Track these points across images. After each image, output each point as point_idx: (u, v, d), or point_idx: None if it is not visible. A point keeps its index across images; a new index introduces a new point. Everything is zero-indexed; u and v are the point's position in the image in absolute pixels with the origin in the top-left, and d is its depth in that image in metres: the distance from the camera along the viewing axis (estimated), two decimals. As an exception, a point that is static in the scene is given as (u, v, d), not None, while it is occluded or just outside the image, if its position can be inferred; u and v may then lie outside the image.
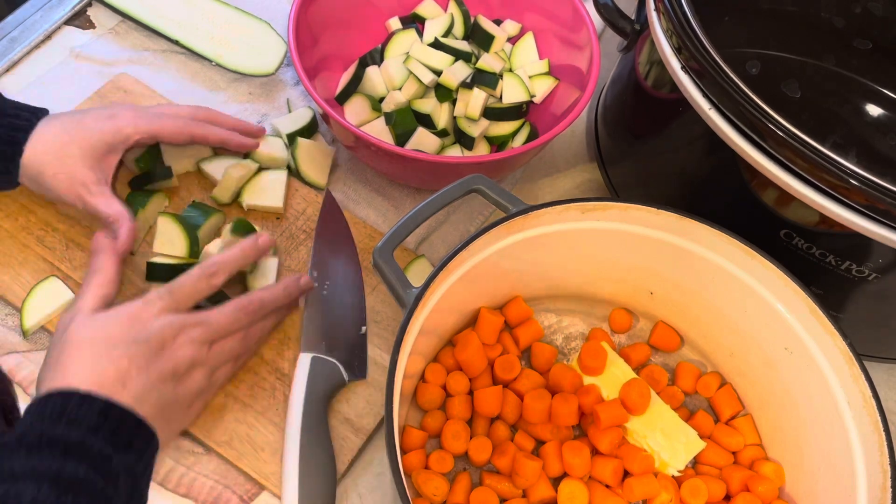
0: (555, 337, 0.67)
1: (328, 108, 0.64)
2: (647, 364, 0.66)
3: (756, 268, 0.57)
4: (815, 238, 0.57)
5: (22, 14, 0.81)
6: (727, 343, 0.64)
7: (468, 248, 0.55)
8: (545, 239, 0.60)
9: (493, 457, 0.59)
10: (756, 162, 0.54)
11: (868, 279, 0.57)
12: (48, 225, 0.67)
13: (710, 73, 0.55)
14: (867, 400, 0.52)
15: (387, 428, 0.47)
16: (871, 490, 0.51)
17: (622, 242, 0.61)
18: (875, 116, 0.65)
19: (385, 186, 0.75)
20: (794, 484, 0.60)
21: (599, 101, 0.79)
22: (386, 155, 0.66)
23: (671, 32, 0.58)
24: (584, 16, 0.73)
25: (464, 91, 0.75)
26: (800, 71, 0.65)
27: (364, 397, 0.63)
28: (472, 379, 0.62)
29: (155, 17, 0.80)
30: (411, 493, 0.56)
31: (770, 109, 0.52)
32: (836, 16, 0.67)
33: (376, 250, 0.53)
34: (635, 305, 0.68)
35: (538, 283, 0.66)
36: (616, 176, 0.73)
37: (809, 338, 0.56)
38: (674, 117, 0.62)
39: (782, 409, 0.60)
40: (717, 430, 0.63)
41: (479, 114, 0.74)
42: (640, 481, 0.58)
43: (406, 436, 0.59)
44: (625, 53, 0.71)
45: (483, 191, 0.57)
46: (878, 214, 0.51)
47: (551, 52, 0.78)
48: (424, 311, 0.54)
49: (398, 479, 0.45)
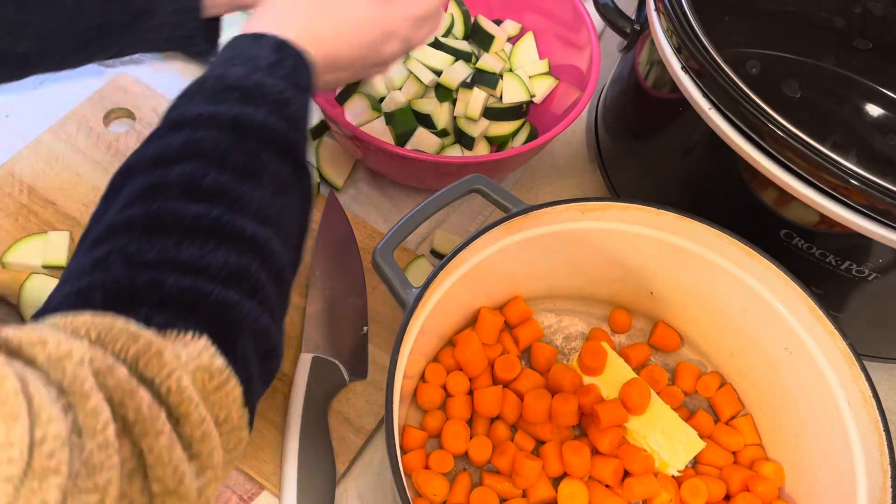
0: (555, 337, 0.67)
1: (328, 108, 0.64)
2: (647, 364, 0.66)
3: (756, 268, 0.57)
4: (815, 238, 0.57)
5: (22, 14, 0.81)
6: (727, 343, 0.64)
7: (468, 248, 0.55)
8: (545, 239, 0.60)
9: (493, 457, 0.59)
10: (756, 162, 0.54)
11: (868, 279, 0.57)
12: (49, 225, 0.67)
13: (710, 73, 0.55)
14: (867, 400, 0.52)
15: (387, 428, 0.47)
16: (871, 490, 0.51)
17: (622, 242, 0.61)
18: (875, 116, 0.65)
19: (385, 186, 0.75)
20: (794, 484, 0.60)
21: (599, 101, 0.79)
22: (386, 155, 0.66)
23: (671, 32, 0.58)
24: (584, 16, 0.73)
25: (464, 91, 0.75)
26: (800, 71, 0.65)
27: (364, 397, 0.63)
28: (472, 379, 0.62)
29: None
30: (411, 493, 0.56)
31: (770, 109, 0.52)
32: (836, 16, 0.67)
33: (376, 250, 0.53)
34: (635, 305, 0.68)
35: (538, 283, 0.66)
36: (616, 176, 0.73)
37: (809, 338, 0.56)
38: (674, 117, 0.62)
39: (782, 409, 0.60)
40: (717, 430, 0.63)
41: (479, 114, 0.74)
42: (640, 481, 0.58)
43: (406, 436, 0.59)
44: (625, 53, 0.71)
45: (483, 191, 0.57)
46: (878, 214, 0.51)
47: (551, 52, 0.78)
48: (424, 311, 0.54)
49: (398, 479, 0.45)
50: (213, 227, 0.40)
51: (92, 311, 0.34)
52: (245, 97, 0.44)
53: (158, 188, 0.41)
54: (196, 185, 0.41)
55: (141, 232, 0.39)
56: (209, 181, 0.41)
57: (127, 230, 0.39)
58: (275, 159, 0.44)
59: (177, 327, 0.36)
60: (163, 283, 0.37)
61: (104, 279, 0.37)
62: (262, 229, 0.41)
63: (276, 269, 0.42)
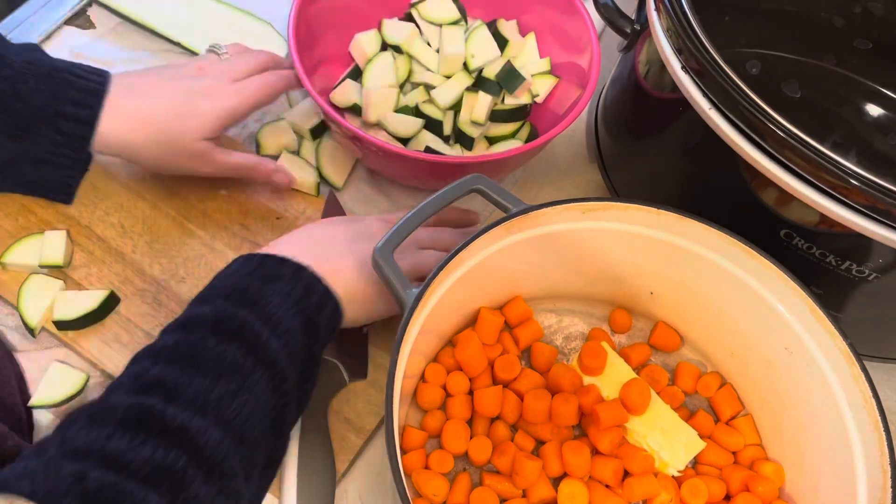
0: (555, 337, 0.67)
1: (328, 108, 0.64)
2: (647, 364, 0.66)
3: (756, 268, 0.57)
4: (815, 238, 0.57)
5: (22, 14, 0.81)
6: (727, 343, 0.64)
7: (468, 248, 0.55)
8: (545, 239, 0.60)
9: (493, 457, 0.59)
10: (756, 162, 0.54)
11: (868, 279, 0.57)
12: (48, 225, 0.67)
13: (710, 73, 0.55)
14: (867, 400, 0.52)
15: (387, 428, 0.47)
16: (871, 490, 0.51)
17: (622, 242, 0.61)
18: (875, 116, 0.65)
19: (385, 186, 0.75)
20: (794, 484, 0.60)
21: (599, 101, 0.79)
22: (386, 155, 0.66)
23: (671, 32, 0.58)
24: (584, 16, 0.73)
25: (469, 95, 0.75)
26: (800, 71, 0.65)
27: (364, 397, 0.63)
28: (472, 379, 0.62)
29: (156, 19, 0.80)
30: (411, 493, 0.56)
31: (770, 109, 0.52)
32: (836, 16, 0.67)
33: (376, 250, 0.53)
34: (635, 305, 0.68)
35: (538, 283, 0.66)
36: (616, 176, 0.73)
37: (809, 338, 0.56)
38: (674, 117, 0.62)
39: (782, 409, 0.60)
40: (717, 430, 0.63)
41: (484, 118, 0.74)
42: (640, 481, 0.58)
43: (406, 436, 0.59)
44: (625, 53, 0.71)
45: (483, 191, 0.57)
46: (878, 214, 0.51)
47: (551, 53, 0.78)
48: (424, 311, 0.54)
49: (398, 479, 0.45)
50: (142, 418, 0.41)
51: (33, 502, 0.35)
52: (198, 301, 0.50)
53: (112, 389, 0.44)
54: (139, 378, 0.44)
55: (84, 423, 0.41)
56: (151, 374, 0.43)
57: (76, 421, 0.41)
58: (220, 345, 0.46)
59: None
60: (86, 476, 0.37)
61: (41, 465, 0.38)
62: (196, 419, 0.42)
63: (213, 462, 0.41)
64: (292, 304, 0.50)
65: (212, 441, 0.42)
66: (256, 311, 0.48)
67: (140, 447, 0.39)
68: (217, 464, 0.42)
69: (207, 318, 0.47)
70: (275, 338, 0.48)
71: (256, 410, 0.45)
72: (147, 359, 0.45)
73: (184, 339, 0.46)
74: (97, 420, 0.41)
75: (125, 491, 0.37)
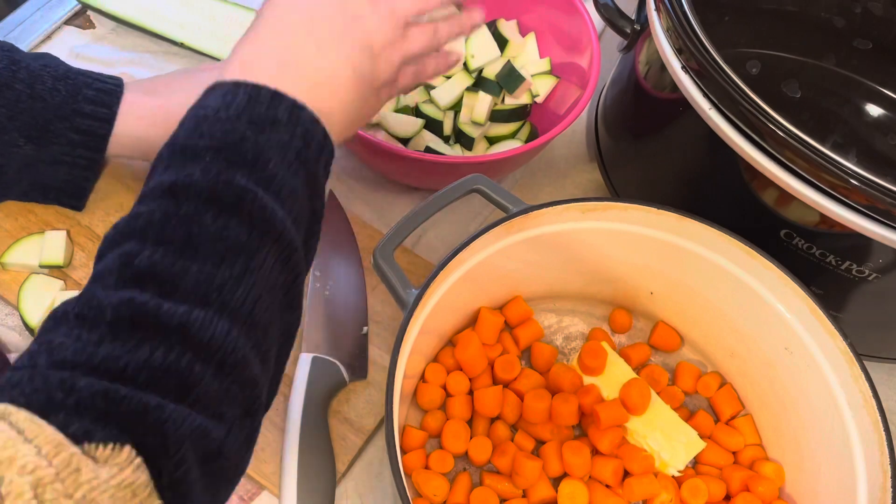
0: (555, 337, 0.68)
1: (328, 108, 0.64)
2: (647, 364, 0.66)
3: (756, 268, 0.57)
4: (815, 238, 0.57)
5: (22, 14, 0.81)
6: (727, 343, 0.64)
7: (468, 248, 0.55)
8: (545, 239, 0.60)
9: (493, 457, 0.59)
10: (756, 162, 0.54)
11: (868, 279, 0.57)
12: (48, 225, 0.67)
13: (710, 73, 0.55)
14: (867, 400, 0.52)
15: (387, 428, 0.47)
16: (871, 490, 0.51)
17: (622, 242, 0.61)
18: (875, 116, 0.65)
19: (383, 185, 0.75)
20: (794, 484, 0.60)
21: (599, 102, 0.79)
22: (386, 154, 0.66)
23: (671, 32, 0.58)
24: (584, 16, 0.73)
25: (469, 95, 0.75)
26: (800, 71, 0.65)
27: (364, 397, 0.63)
28: (472, 379, 0.62)
29: (156, 22, 0.80)
30: (411, 493, 0.56)
31: (770, 109, 0.52)
32: (836, 16, 0.67)
33: (377, 250, 0.53)
34: (635, 305, 0.68)
35: (538, 283, 0.66)
36: (616, 176, 0.73)
37: (809, 338, 0.56)
38: (674, 117, 0.62)
39: (782, 409, 0.60)
40: (717, 430, 0.63)
41: (485, 118, 0.74)
42: (640, 481, 0.58)
43: (406, 436, 0.59)
44: (625, 53, 0.71)
45: (483, 191, 0.57)
46: (878, 214, 0.51)
47: (551, 53, 0.78)
48: (424, 311, 0.54)
49: (398, 479, 0.45)
50: (135, 319, 0.36)
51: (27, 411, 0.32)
52: (183, 154, 0.41)
53: (98, 276, 0.38)
54: (128, 266, 0.37)
55: (71, 325, 0.36)
56: (141, 261, 0.37)
57: (61, 321, 0.36)
58: (218, 220, 0.39)
59: (96, 437, 0.32)
60: (74, 385, 0.33)
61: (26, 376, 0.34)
62: (197, 311, 0.37)
63: (223, 354, 0.37)
64: (293, 157, 0.43)
65: (218, 333, 0.37)
66: (256, 174, 0.41)
67: (135, 350, 0.35)
68: (227, 355, 0.37)
69: (200, 185, 0.39)
70: (279, 205, 0.41)
71: (266, 292, 0.40)
72: (134, 238, 0.39)
73: (174, 212, 0.39)
74: (86, 322, 0.36)
75: (119, 396, 0.34)
